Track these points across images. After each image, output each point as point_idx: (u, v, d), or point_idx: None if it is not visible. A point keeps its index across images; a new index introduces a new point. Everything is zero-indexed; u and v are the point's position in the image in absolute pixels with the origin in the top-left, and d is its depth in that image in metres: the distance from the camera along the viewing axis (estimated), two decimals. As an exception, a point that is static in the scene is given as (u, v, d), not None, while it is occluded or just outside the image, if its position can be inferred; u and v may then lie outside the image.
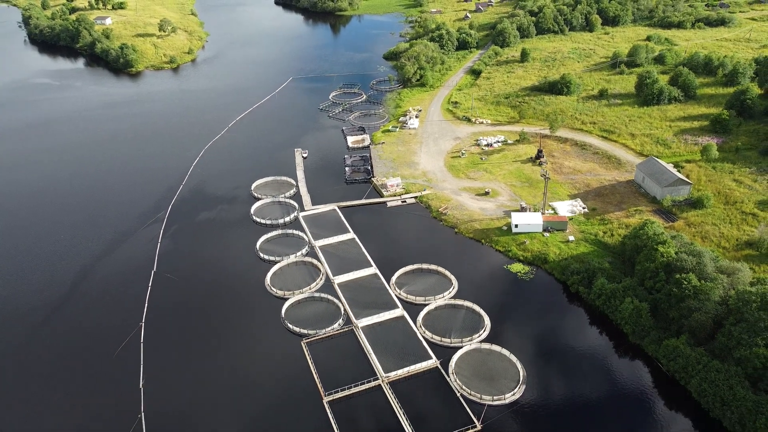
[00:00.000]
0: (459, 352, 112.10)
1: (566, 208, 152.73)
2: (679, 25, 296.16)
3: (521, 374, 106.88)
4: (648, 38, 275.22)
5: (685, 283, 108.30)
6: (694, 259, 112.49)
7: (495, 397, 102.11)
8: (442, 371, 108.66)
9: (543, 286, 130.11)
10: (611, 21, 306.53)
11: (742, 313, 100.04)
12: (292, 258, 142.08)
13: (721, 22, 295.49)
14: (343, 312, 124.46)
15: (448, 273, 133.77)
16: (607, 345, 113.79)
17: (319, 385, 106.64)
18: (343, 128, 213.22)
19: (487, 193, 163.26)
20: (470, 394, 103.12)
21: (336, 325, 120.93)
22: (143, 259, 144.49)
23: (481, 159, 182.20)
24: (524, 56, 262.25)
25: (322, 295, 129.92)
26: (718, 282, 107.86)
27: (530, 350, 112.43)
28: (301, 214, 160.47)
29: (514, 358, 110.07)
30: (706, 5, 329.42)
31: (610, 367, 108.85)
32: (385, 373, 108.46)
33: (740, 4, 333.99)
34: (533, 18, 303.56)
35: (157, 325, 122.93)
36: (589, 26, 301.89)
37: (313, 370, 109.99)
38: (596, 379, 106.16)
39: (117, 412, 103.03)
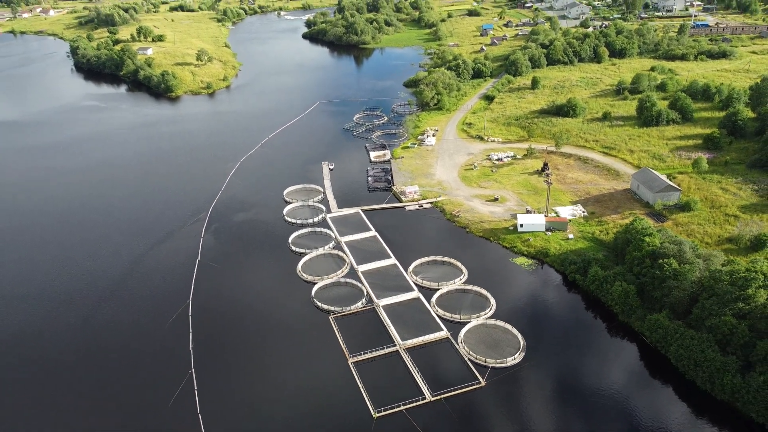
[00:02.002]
0: (467, 326, 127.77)
1: (568, 212, 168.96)
2: (683, 57, 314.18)
3: (521, 343, 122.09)
4: (652, 69, 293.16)
5: (667, 266, 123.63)
6: (675, 247, 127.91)
7: (498, 361, 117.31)
8: (452, 340, 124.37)
9: (544, 275, 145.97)
10: (618, 53, 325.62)
11: (714, 289, 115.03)
12: (320, 250, 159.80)
13: (723, 55, 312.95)
14: (365, 293, 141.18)
15: (459, 264, 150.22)
16: (599, 322, 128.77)
17: (345, 350, 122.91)
18: (366, 145, 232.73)
19: (496, 199, 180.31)
20: (476, 358, 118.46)
21: (359, 304, 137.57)
22: (188, 250, 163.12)
23: (492, 171, 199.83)
24: (535, 84, 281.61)
25: (348, 280, 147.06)
26: (695, 265, 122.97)
27: (530, 325, 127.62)
28: (328, 215, 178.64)
29: (515, 331, 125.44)
30: (709, 40, 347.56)
31: (601, 340, 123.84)
32: (402, 341, 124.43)
33: (742, 38, 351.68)
34: (544, 50, 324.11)
35: (203, 303, 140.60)
36: (597, 58, 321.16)
37: (339, 338, 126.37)
38: (587, 348, 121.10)
39: (170, 368, 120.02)
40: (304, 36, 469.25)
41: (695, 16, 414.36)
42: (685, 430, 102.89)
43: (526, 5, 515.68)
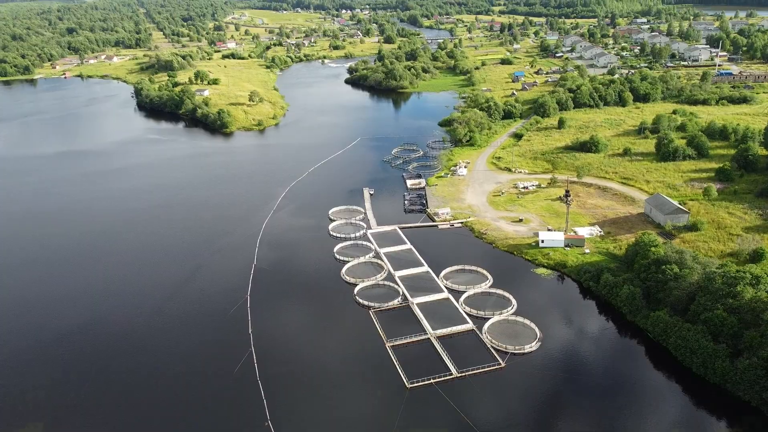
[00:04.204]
0: (491, 320, 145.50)
1: (586, 231, 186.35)
2: (704, 102, 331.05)
3: (538, 335, 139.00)
4: (674, 112, 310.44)
5: (669, 271, 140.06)
6: (677, 255, 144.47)
7: (517, 348, 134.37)
8: (477, 332, 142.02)
9: (561, 283, 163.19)
10: (642, 98, 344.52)
11: (708, 288, 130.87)
12: (361, 259, 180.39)
13: (743, 100, 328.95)
14: (401, 293, 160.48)
15: (485, 272, 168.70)
16: (608, 321, 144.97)
17: (383, 336, 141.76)
18: (403, 174, 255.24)
19: (521, 221, 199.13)
20: (498, 345, 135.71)
21: (396, 301, 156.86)
22: (245, 257, 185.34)
23: (518, 197, 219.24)
24: (561, 124, 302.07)
25: (386, 282, 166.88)
26: (694, 270, 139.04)
27: (547, 321, 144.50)
28: (369, 231, 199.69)
29: (533, 325, 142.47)
30: (732, 87, 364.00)
31: (609, 336, 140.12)
32: (432, 330, 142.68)
33: (764, 86, 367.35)
34: (571, 94, 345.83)
35: (259, 298, 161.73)
36: (621, 102, 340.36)
37: (378, 328, 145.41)
38: (596, 340, 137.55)
39: (233, 348, 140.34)
40: (347, 81, 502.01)
41: (720, 65, 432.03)
42: (681, 408, 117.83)
43: (557, 55, 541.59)
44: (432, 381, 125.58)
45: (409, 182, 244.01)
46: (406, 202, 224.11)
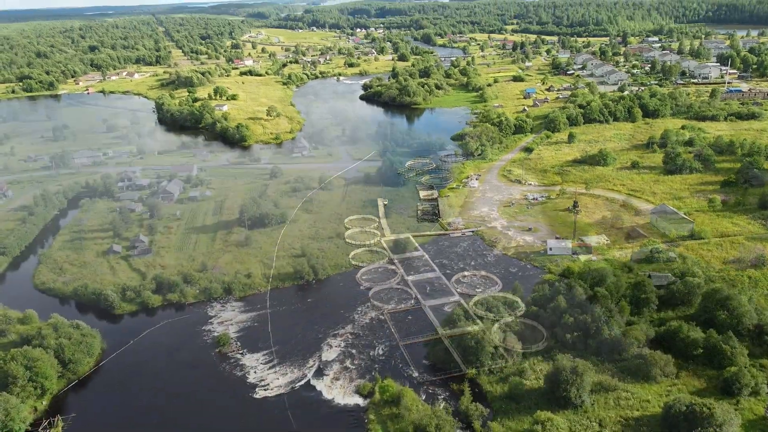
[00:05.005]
0: (499, 322, 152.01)
1: (593, 240, 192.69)
2: (713, 118, 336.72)
3: (544, 335, 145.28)
4: (683, 127, 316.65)
5: (671, 274, 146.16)
6: (680, 260, 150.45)
7: (524, 347, 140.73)
8: (486, 332, 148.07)
9: (568, 288, 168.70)
10: (651, 114, 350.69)
11: (708, 290, 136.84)
12: (376, 264, 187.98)
13: (752, 116, 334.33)
14: (414, 296, 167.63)
15: (495, 277, 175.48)
16: (612, 324, 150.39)
17: (397, 336, 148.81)
18: (417, 186, 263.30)
19: (530, 230, 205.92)
20: (505, 345, 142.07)
21: (408, 304, 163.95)
22: (264, 262, 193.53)
23: (527, 208, 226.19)
24: (571, 138, 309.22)
25: (399, 286, 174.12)
26: (697, 274, 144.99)
27: (552, 323, 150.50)
28: (383, 239, 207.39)
29: (540, 327, 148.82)
30: (740, 104, 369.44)
31: (613, 336, 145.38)
32: (443, 330, 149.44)
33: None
34: (581, 110, 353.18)
35: (279, 300, 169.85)
36: (631, 117, 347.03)
37: (392, 327, 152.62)
38: (601, 342, 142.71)
39: (254, 345, 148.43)
40: (361, 97, 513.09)
41: (729, 82, 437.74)
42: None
43: (568, 72, 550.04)
44: (443, 377, 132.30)
45: (422, 193, 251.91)
46: (419, 211, 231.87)
